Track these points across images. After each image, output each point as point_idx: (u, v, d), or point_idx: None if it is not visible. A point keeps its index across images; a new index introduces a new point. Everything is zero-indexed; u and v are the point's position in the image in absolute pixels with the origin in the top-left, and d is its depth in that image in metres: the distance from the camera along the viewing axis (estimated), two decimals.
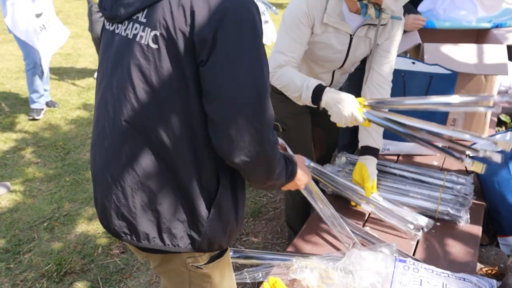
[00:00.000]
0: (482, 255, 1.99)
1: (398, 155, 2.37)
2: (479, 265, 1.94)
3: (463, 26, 2.49)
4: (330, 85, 2.08)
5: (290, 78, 1.79)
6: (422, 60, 2.25)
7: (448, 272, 1.40)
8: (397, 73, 2.16)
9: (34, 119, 4.52)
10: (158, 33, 1.08)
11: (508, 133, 2.08)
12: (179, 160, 1.15)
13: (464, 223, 1.85)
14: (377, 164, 2.15)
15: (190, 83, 1.09)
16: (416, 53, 2.50)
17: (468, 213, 1.86)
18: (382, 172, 2.10)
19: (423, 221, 1.76)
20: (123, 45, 1.16)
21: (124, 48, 1.15)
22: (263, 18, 4.45)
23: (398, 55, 2.29)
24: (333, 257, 1.49)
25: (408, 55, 2.49)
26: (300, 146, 2.09)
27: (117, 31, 1.18)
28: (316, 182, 1.82)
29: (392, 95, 2.19)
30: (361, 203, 1.84)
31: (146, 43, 1.10)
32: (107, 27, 1.24)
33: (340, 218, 1.73)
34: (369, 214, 1.92)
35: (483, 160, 1.51)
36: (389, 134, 2.30)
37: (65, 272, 2.56)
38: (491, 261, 1.96)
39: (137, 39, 1.12)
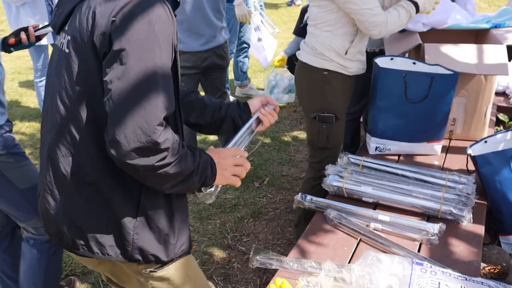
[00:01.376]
0: (485, 254, 2.00)
1: (399, 155, 2.38)
2: (482, 264, 1.95)
3: (462, 26, 2.51)
4: None
5: (395, 14, 2.08)
6: (423, 60, 2.26)
7: (465, 276, 1.41)
8: (398, 73, 2.17)
9: None
10: (69, 38, 1.16)
11: (509, 133, 2.09)
12: (95, 164, 1.16)
13: (467, 223, 1.86)
14: (379, 164, 2.16)
15: (98, 84, 1.11)
16: (416, 53, 2.51)
17: (471, 213, 1.87)
18: (384, 172, 2.11)
19: (435, 227, 1.76)
20: (56, 54, 1.24)
21: (56, 57, 1.24)
22: (257, 34, 4.33)
23: (399, 56, 2.31)
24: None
25: (406, 55, 2.50)
26: (340, 137, 2.35)
27: (56, 42, 1.26)
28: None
29: (394, 95, 2.22)
30: (370, 223, 1.84)
31: (63, 48, 1.18)
32: (56, 41, 1.30)
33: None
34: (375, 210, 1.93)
35: None
36: (390, 135, 2.32)
37: (66, 275, 2.54)
38: (494, 260, 1.98)
39: (60, 45, 1.21)
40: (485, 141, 2.07)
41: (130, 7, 1.07)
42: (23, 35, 2.02)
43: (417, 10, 2.14)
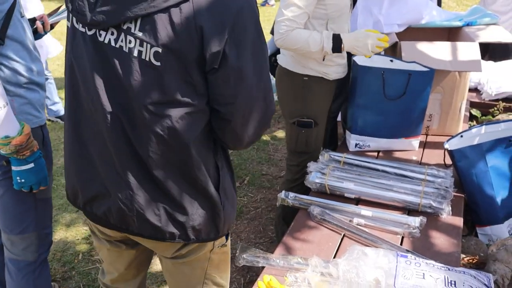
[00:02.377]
0: (463, 245, 2.05)
1: (378, 151, 2.43)
2: (461, 255, 2.01)
3: (436, 24, 2.57)
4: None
5: (305, 36, 1.99)
6: (399, 58, 2.31)
7: (448, 266, 1.45)
8: (376, 71, 2.21)
9: None
10: (160, 50, 1.04)
11: (483, 127, 2.16)
12: (187, 157, 1.19)
13: (446, 215, 1.91)
14: (360, 160, 2.20)
15: (194, 93, 1.12)
16: (392, 51, 2.56)
17: (450, 205, 1.92)
18: (365, 168, 2.15)
19: (416, 221, 1.81)
20: (118, 59, 1.09)
21: (120, 63, 1.09)
22: None
23: (376, 54, 2.35)
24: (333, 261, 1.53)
25: (383, 53, 2.54)
26: (319, 142, 2.36)
27: (101, 39, 1.09)
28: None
29: (373, 92, 2.26)
30: (353, 218, 1.87)
31: (147, 59, 1.06)
32: (79, 28, 1.13)
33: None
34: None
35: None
36: (369, 131, 2.36)
37: None
38: (472, 250, 2.04)
39: (135, 54, 1.06)
40: (461, 136, 2.13)
41: (241, 20, 1.06)
42: (38, 24, 1.88)
43: (338, 48, 2.02)
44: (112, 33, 1.08)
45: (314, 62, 2.16)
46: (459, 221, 1.92)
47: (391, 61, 2.26)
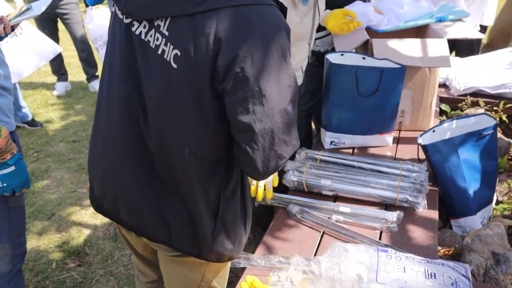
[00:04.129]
0: (438, 237, 2.10)
1: (353, 148, 2.45)
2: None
3: (409, 25, 2.62)
4: (309, 51, 2.18)
5: None
6: (371, 55, 2.34)
7: (427, 259, 1.47)
8: (349, 68, 2.23)
9: None
10: (179, 53, 1.03)
11: (454, 121, 2.21)
12: (183, 177, 1.16)
13: (422, 209, 1.95)
14: (336, 157, 2.22)
15: (206, 107, 1.07)
16: (363, 49, 2.59)
17: (425, 199, 1.96)
18: (341, 165, 2.17)
19: (393, 215, 1.83)
20: (143, 52, 1.10)
21: (144, 56, 1.10)
22: None
23: (349, 52, 2.37)
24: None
25: (354, 51, 2.57)
26: None
27: (133, 29, 1.11)
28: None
29: (346, 90, 2.27)
30: (332, 215, 1.88)
31: (168, 59, 1.05)
32: (119, 15, 1.15)
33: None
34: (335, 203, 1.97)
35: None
36: (344, 129, 2.38)
37: None
38: (447, 242, 2.08)
39: (159, 52, 1.06)
40: (433, 131, 2.18)
41: (266, 40, 0.99)
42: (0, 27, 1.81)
43: None
44: (145, 26, 1.08)
45: None
46: (434, 214, 1.95)
47: (363, 58, 2.28)
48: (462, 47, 4.19)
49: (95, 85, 5.23)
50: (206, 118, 1.08)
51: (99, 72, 5.30)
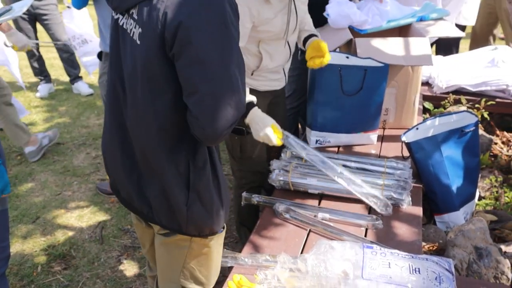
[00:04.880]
0: (423, 233, 2.13)
1: (339, 147, 2.47)
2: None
3: (391, 26, 2.65)
4: (290, 56, 2.15)
5: None
6: (355, 54, 2.36)
7: (412, 254, 1.49)
8: (333, 67, 2.25)
9: None
10: (141, 30, 1.16)
11: (437, 119, 2.24)
12: (152, 147, 1.24)
13: (407, 205, 1.97)
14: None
15: (161, 77, 1.16)
16: (347, 48, 2.61)
17: (409, 196, 1.98)
18: None
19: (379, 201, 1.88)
20: (123, 38, 1.24)
21: (123, 42, 1.24)
22: None
23: (332, 51, 2.39)
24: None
25: (338, 50, 2.59)
26: (256, 147, 2.23)
27: (120, 23, 1.25)
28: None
29: (331, 89, 2.29)
30: (318, 213, 1.90)
31: (135, 38, 1.18)
32: (113, 14, 1.31)
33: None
34: (321, 202, 1.99)
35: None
36: (329, 127, 2.40)
37: None
38: (431, 238, 2.11)
39: (131, 34, 1.20)
40: (417, 128, 2.20)
41: (203, 9, 1.09)
42: None
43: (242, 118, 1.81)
44: (126, 18, 1.23)
45: None
46: (419, 211, 1.98)
47: (347, 57, 2.30)
48: (441, 46, 4.25)
49: (79, 86, 5.18)
50: (164, 88, 1.17)
51: (82, 73, 5.25)
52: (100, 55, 2.98)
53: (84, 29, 4.39)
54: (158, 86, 1.18)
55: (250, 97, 1.82)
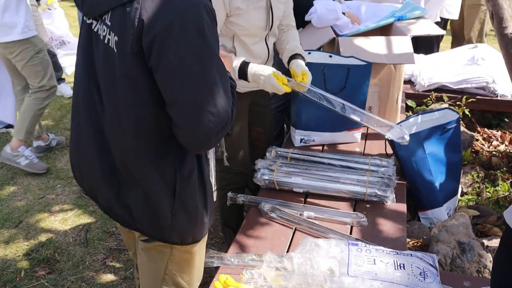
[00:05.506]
0: (407, 229, 2.15)
1: (323, 145, 2.48)
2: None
3: (372, 27, 2.67)
4: (268, 56, 2.12)
5: None
6: (338, 53, 2.38)
7: (396, 250, 1.50)
8: (317, 66, 2.26)
9: None
10: (117, 39, 1.13)
11: (419, 116, 2.27)
12: (136, 156, 1.22)
13: (391, 202, 1.99)
14: (306, 154, 2.25)
15: (142, 86, 1.14)
16: (329, 47, 2.63)
17: (394, 193, 2.00)
18: (311, 162, 2.20)
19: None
20: (96, 44, 1.22)
21: (96, 47, 1.22)
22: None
23: (316, 50, 2.40)
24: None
25: (321, 49, 2.61)
26: (239, 148, 2.21)
27: (94, 28, 1.23)
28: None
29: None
30: (303, 212, 1.92)
31: (112, 46, 1.16)
32: (85, 18, 1.27)
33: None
34: (306, 200, 2.00)
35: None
36: (313, 126, 2.41)
37: None
38: (415, 234, 2.13)
39: (106, 41, 1.18)
40: (400, 126, 2.22)
41: (180, 18, 1.07)
42: None
43: (244, 76, 1.89)
44: (100, 23, 1.20)
45: None
46: (403, 207, 2.00)
47: (330, 56, 2.32)
48: (421, 44, 4.31)
49: (61, 88, 5.11)
50: (145, 98, 1.16)
51: (64, 75, 5.19)
52: None
53: (63, 30, 4.35)
54: (140, 95, 1.16)
55: (238, 60, 1.87)
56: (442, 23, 4.30)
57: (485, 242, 2.10)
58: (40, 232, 2.91)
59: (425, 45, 4.26)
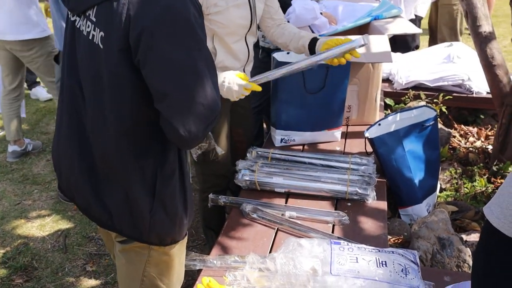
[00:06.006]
0: (388, 227, 2.17)
1: (303, 145, 2.49)
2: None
3: (349, 27, 2.69)
4: (248, 56, 2.10)
5: None
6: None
7: (378, 248, 1.51)
8: None
9: None
10: (103, 34, 1.13)
11: (398, 114, 2.29)
12: (116, 153, 1.21)
13: (372, 200, 2.00)
14: (287, 154, 2.24)
15: (127, 83, 1.14)
16: None
17: (374, 191, 2.02)
18: (292, 162, 2.20)
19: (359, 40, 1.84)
20: (80, 40, 1.21)
21: (79, 44, 1.21)
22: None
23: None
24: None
25: None
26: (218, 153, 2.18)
27: (77, 25, 1.22)
28: None
29: (294, 87, 2.30)
30: (285, 212, 1.91)
31: (96, 42, 1.15)
32: (69, 16, 1.28)
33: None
34: (287, 200, 2.00)
35: None
36: (293, 126, 2.41)
37: None
38: (396, 231, 2.15)
39: (90, 37, 1.17)
40: (379, 124, 2.25)
41: (169, 14, 1.07)
42: None
43: None
44: (83, 19, 1.20)
45: None
46: (383, 205, 2.02)
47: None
48: (397, 43, 4.36)
49: (37, 92, 5.02)
50: (130, 95, 1.15)
51: (38, 78, 5.09)
52: (56, 59, 2.90)
53: None
54: (125, 92, 1.15)
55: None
56: (417, 21, 4.37)
57: (464, 237, 2.14)
58: (16, 239, 2.84)
59: (400, 44, 4.32)
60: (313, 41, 2.03)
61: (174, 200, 1.28)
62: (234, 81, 1.79)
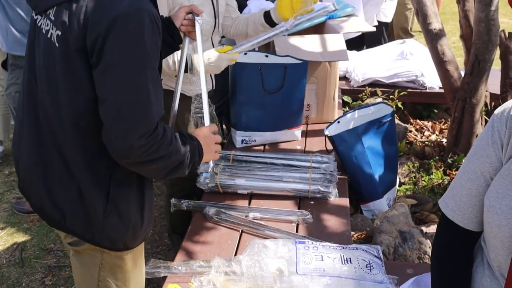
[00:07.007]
0: (351, 223, 2.20)
1: (264, 145, 2.49)
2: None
3: (305, 26, 2.70)
4: None
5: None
6: (274, 52, 2.39)
7: (342, 245, 1.53)
8: (253, 67, 2.26)
9: None
10: (60, 33, 1.15)
11: (356, 112, 2.33)
12: (72, 151, 1.21)
13: (334, 197, 2.02)
14: (248, 155, 2.23)
15: (80, 84, 1.15)
16: (265, 47, 2.63)
17: (336, 188, 2.04)
18: (254, 163, 2.19)
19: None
20: (39, 38, 1.23)
21: (38, 41, 1.23)
22: None
23: (251, 51, 2.40)
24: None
25: (257, 49, 2.61)
26: None
27: (38, 23, 1.24)
28: None
29: (252, 88, 2.30)
30: (249, 213, 1.89)
31: (53, 40, 1.17)
32: (33, 14, 1.29)
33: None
34: (250, 201, 1.99)
35: None
36: (253, 126, 2.41)
37: None
38: (359, 227, 2.19)
39: (48, 35, 1.19)
40: (338, 122, 2.28)
41: (122, 20, 1.09)
42: None
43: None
44: (44, 18, 1.22)
45: (167, 78, 2.03)
46: (346, 202, 2.04)
47: (266, 56, 2.32)
48: (352, 41, 4.44)
49: None
50: (86, 94, 1.16)
51: None
52: (4, 65, 2.77)
53: None
54: (81, 91, 1.16)
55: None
56: (382, 26, 4.45)
57: (424, 229, 2.20)
58: None
59: (354, 42, 4.40)
60: (267, 15, 2.03)
61: (129, 205, 1.27)
62: (220, 57, 1.80)
